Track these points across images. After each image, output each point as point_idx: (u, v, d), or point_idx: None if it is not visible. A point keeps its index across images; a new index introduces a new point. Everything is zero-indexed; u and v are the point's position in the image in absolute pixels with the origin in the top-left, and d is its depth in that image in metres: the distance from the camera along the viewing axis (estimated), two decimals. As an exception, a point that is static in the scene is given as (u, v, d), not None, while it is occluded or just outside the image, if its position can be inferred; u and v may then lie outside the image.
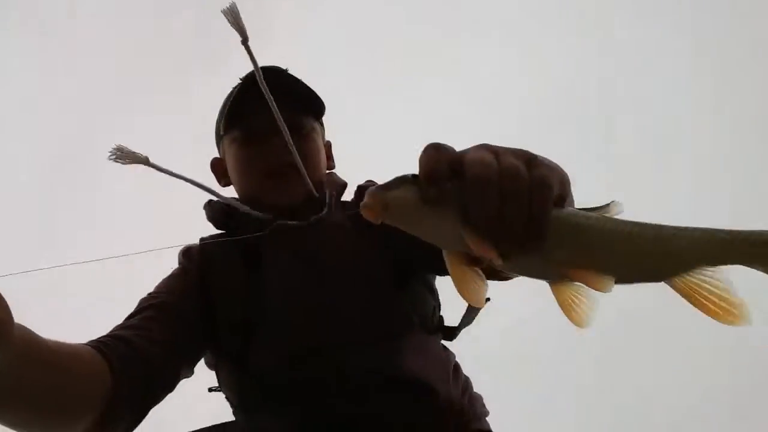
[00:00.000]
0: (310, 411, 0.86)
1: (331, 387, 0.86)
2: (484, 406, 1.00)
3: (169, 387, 0.83)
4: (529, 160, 0.44)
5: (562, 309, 0.46)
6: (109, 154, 0.86)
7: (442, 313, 1.02)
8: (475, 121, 2.79)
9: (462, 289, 0.46)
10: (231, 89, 1.07)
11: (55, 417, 0.64)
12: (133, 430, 0.76)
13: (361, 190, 1.03)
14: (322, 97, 1.05)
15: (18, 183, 2.89)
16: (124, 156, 0.87)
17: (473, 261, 0.46)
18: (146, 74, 2.99)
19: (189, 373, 0.90)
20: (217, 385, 1.01)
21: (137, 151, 0.88)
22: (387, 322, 0.90)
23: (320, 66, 2.55)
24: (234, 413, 1.00)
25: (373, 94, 2.91)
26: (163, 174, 0.90)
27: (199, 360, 0.93)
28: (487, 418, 0.98)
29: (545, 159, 0.46)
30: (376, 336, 0.88)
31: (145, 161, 0.88)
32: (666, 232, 0.46)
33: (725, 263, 0.46)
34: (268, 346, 0.90)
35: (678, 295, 0.47)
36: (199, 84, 2.82)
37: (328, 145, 1.12)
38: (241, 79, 1.03)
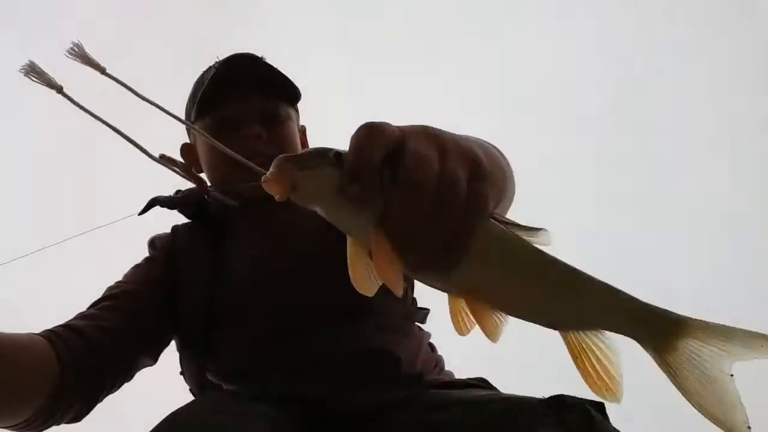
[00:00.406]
0: (272, 393, 0.85)
1: (297, 369, 0.86)
2: (452, 376, 0.99)
3: (124, 375, 0.83)
4: (474, 167, 0.40)
5: (450, 314, 0.43)
6: (21, 68, 0.79)
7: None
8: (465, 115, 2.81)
9: (355, 279, 0.42)
10: (201, 73, 1.05)
11: (2, 405, 0.65)
12: (84, 416, 0.77)
13: None
14: (297, 85, 1.03)
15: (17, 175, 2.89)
16: (36, 74, 0.80)
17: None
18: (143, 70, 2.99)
19: (151, 361, 0.90)
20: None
21: (53, 77, 0.81)
22: (355, 304, 0.88)
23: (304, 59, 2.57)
24: None
25: (363, 86, 2.92)
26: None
27: (163, 348, 0.93)
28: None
29: (489, 159, 0.42)
30: (343, 318, 0.87)
31: (59, 89, 0.82)
32: (580, 280, 0.43)
33: (622, 332, 0.44)
34: (232, 331, 0.90)
35: (565, 349, 0.44)
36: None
37: (302, 131, 1.11)
38: (214, 66, 1.01)
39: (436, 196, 0.37)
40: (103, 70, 0.83)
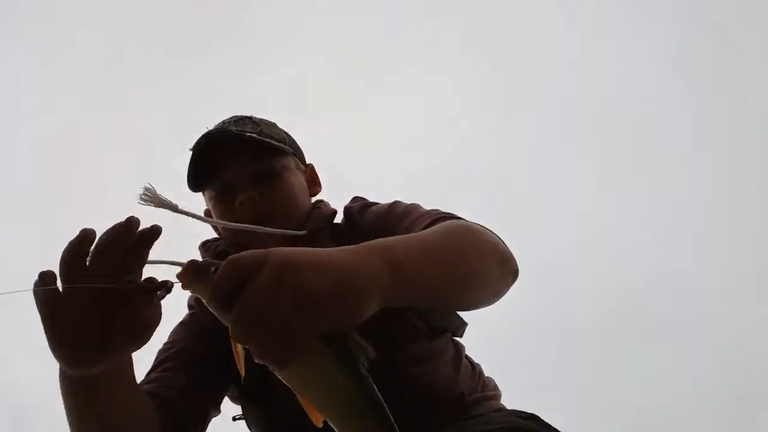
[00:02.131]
0: None
1: None
2: (496, 388, 0.98)
3: (201, 430, 0.89)
4: (306, 301, 0.49)
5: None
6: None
7: None
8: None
9: (237, 361, 0.56)
10: (194, 144, 1.02)
11: None
12: None
13: (348, 210, 1.02)
14: (286, 133, 1.05)
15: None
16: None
17: None
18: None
19: (217, 411, 0.93)
20: (241, 414, 1.00)
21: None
22: (390, 335, 0.85)
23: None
24: None
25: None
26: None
27: (223, 399, 0.95)
28: (500, 400, 0.96)
29: (335, 299, 0.50)
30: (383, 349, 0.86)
31: (174, 208, 0.85)
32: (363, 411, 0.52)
33: None
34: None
35: None
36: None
37: (310, 170, 1.09)
38: (202, 136, 1.00)
39: (257, 320, 0.48)
40: (175, 208, 0.85)
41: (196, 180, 1.00)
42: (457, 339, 0.99)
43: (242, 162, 0.97)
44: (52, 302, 0.56)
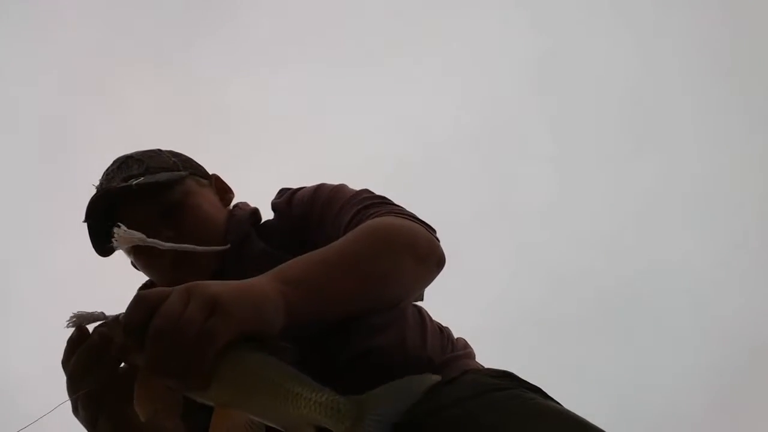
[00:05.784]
0: None
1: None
2: (467, 347, 0.95)
3: None
4: (213, 307, 0.54)
5: (210, 426, 0.56)
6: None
7: None
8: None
9: (138, 403, 0.56)
10: (86, 215, 0.98)
11: None
12: None
13: (275, 206, 0.99)
14: (174, 154, 1.02)
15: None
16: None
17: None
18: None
19: None
20: None
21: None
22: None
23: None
24: None
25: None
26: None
27: None
28: (474, 359, 0.94)
29: (238, 300, 0.56)
30: (349, 325, 0.82)
31: (142, 240, 0.82)
32: (296, 390, 0.53)
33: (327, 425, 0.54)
34: None
35: None
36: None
37: (215, 181, 1.06)
38: (90, 204, 0.95)
39: (173, 337, 0.52)
40: (143, 239, 0.82)
41: (103, 248, 0.96)
42: (419, 304, 0.95)
43: (143, 208, 0.93)
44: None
